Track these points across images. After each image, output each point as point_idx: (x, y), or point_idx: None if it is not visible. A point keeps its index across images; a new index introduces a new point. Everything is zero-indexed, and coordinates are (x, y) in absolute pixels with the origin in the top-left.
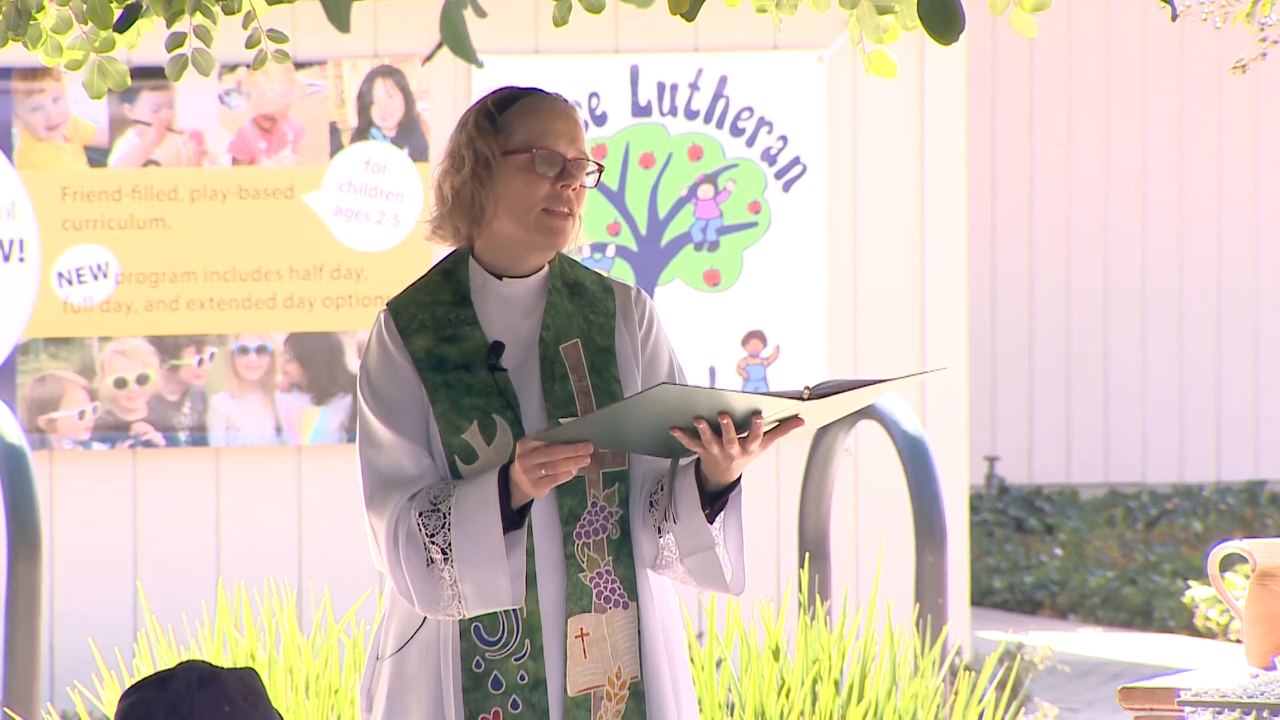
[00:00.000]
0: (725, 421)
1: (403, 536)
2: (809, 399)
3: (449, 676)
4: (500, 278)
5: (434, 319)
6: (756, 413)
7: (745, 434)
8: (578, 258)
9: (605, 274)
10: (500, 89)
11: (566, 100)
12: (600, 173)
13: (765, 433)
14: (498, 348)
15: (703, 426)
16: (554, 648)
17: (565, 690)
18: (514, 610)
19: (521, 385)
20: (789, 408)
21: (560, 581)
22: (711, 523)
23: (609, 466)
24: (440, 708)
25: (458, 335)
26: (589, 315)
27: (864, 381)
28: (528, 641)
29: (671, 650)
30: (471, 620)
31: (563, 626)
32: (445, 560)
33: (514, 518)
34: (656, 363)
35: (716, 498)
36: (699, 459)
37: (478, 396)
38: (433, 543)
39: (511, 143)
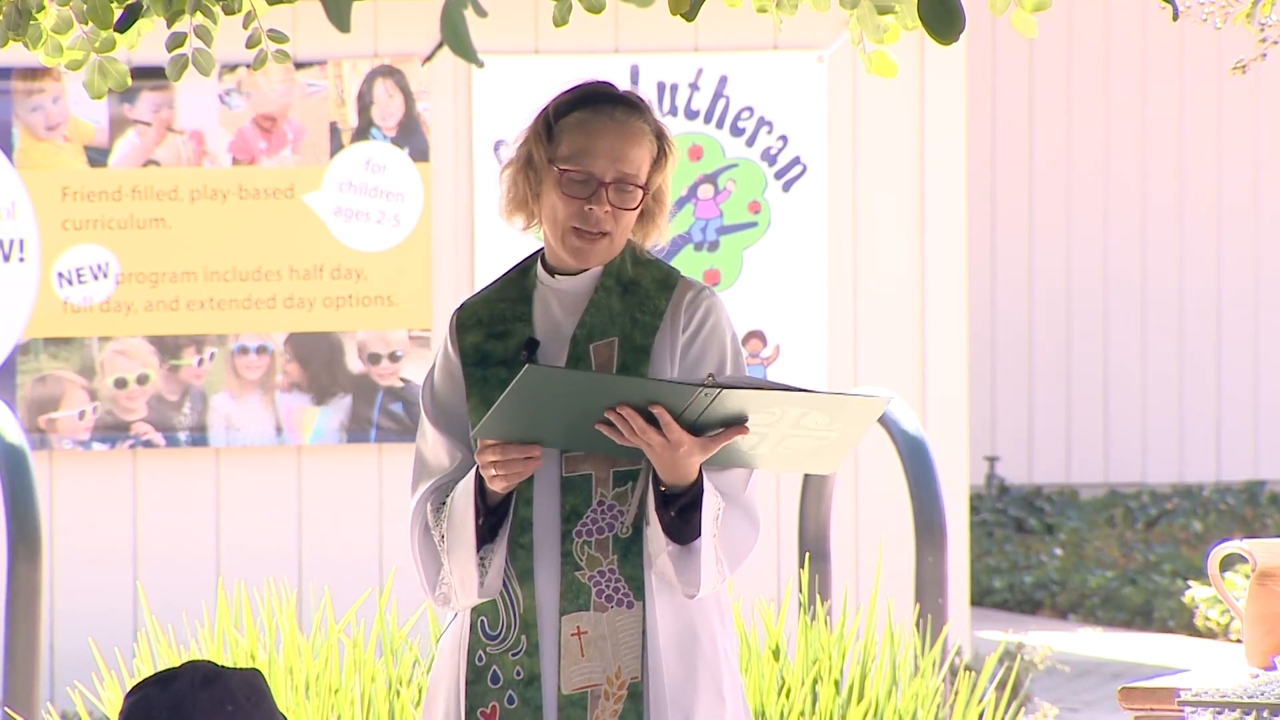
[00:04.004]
0: (625, 410)
1: (419, 528)
2: (711, 386)
3: (462, 669)
4: (554, 274)
5: (491, 316)
6: (654, 402)
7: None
8: (653, 254)
9: (678, 273)
10: (575, 88)
11: (631, 108)
12: (644, 195)
13: (711, 435)
14: (533, 344)
15: (614, 417)
16: (550, 645)
17: (560, 688)
18: (513, 607)
19: None
20: (685, 393)
21: (557, 579)
22: (689, 524)
23: (621, 466)
24: (457, 699)
25: (508, 331)
26: (636, 314)
27: (772, 384)
28: (524, 638)
29: (697, 653)
30: (478, 615)
31: (558, 624)
32: (443, 550)
33: (497, 509)
34: (700, 364)
35: (673, 499)
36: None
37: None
38: (436, 533)
39: (557, 154)
